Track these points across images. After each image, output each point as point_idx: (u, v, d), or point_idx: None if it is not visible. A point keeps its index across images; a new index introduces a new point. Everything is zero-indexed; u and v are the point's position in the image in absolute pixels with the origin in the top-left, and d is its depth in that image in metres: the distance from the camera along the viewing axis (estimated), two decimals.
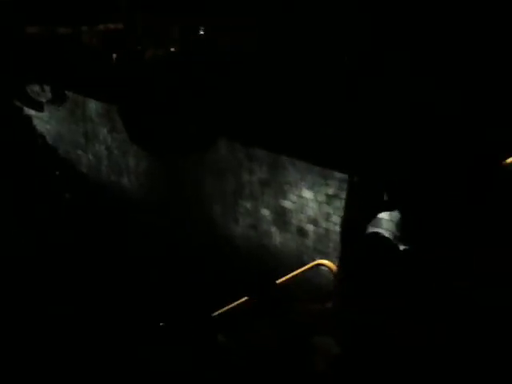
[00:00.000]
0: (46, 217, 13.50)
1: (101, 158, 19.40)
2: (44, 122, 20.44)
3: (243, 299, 6.72)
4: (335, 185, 10.55)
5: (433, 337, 4.66)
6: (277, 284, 5.40)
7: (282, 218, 12.03)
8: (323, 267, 7.55)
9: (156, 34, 14.68)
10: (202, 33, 14.04)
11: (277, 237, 12.25)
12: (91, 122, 19.25)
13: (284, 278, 6.73)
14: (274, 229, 12.35)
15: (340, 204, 10.53)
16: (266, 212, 12.50)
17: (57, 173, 15.11)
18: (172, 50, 14.35)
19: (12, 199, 13.24)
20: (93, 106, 18.94)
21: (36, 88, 17.11)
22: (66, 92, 18.24)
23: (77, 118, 19.90)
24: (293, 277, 7.02)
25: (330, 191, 10.68)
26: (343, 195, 10.40)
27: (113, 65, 15.70)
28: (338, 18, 10.46)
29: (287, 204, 11.83)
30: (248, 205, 13.02)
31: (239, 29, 12.91)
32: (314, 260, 11.11)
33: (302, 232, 11.54)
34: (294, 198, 11.61)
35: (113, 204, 16.93)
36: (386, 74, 9.09)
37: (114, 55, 15.71)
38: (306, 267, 7.32)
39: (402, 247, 5.98)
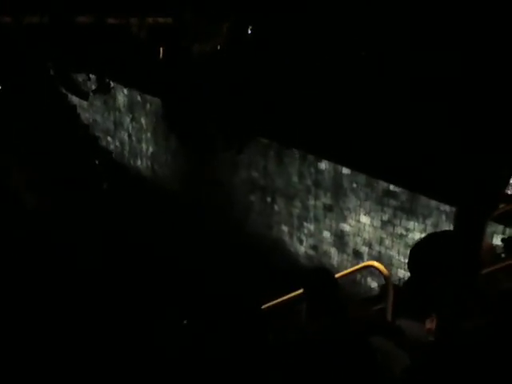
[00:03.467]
0: (87, 208, 12.97)
1: (124, 144, 20.36)
2: (84, 110, 21.14)
3: (296, 293, 6.57)
4: (390, 212, 10.63)
5: None
6: (335, 279, 5.18)
7: (340, 240, 12.14)
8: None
9: (204, 29, 13.70)
10: (250, 31, 13.12)
11: (335, 257, 12.37)
12: (119, 112, 19.96)
13: (336, 276, 6.45)
14: (333, 250, 12.44)
15: (392, 229, 10.57)
16: (327, 234, 12.61)
17: (96, 162, 14.50)
18: (219, 47, 13.57)
19: (54, 189, 12.57)
20: (121, 97, 19.63)
21: (82, 77, 16.67)
22: (111, 82, 17.95)
23: (109, 108, 20.61)
24: (344, 276, 6.86)
25: (385, 217, 10.77)
26: (396, 222, 10.45)
27: (160, 58, 15.01)
28: None
29: (346, 228, 11.97)
30: (312, 227, 13.12)
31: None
32: (365, 280, 11.21)
33: (357, 253, 11.64)
34: (352, 222, 11.75)
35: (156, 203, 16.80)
36: None
37: (162, 49, 15.05)
38: (357, 267, 7.12)
39: None
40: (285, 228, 14.39)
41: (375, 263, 6.45)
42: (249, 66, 12.92)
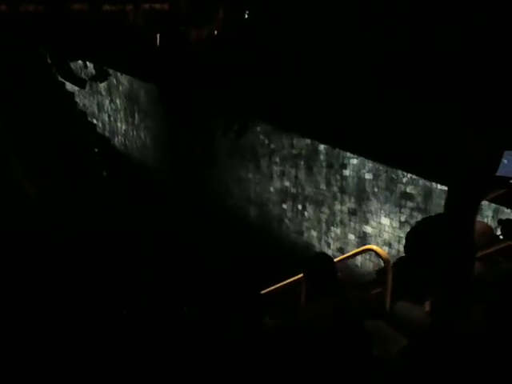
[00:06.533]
0: (87, 196, 12.10)
1: (104, 124, 20.67)
2: (75, 95, 21.32)
3: (294, 278, 6.32)
4: (407, 213, 10.47)
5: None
6: (334, 262, 4.96)
7: (363, 241, 11.94)
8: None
9: (201, 15, 12.86)
10: (246, 16, 12.20)
11: (359, 257, 12.12)
12: (101, 95, 20.21)
13: (336, 260, 6.11)
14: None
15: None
16: (351, 237, 12.42)
17: (96, 150, 13.87)
18: (216, 32, 12.75)
19: (55, 180, 11.87)
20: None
21: (79, 64, 16.15)
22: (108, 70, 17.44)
23: (93, 92, 20.88)
24: (344, 259, 6.58)
25: (403, 218, 10.62)
26: (412, 221, 10.20)
27: (156, 45, 14.24)
28: None
29: (368, 230, 11.82)
30: (338, 231, 12.88)
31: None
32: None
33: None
34: (374, 224, 11.59)
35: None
36: None
37: (158, 35, 14.21)
38: (357, 251, 6.78)
39: None
40: (314, 233, 14.18)
41: (374, 247, 6.21)
42: (247, 50, 12.35)
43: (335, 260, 5.83)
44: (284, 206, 15.44)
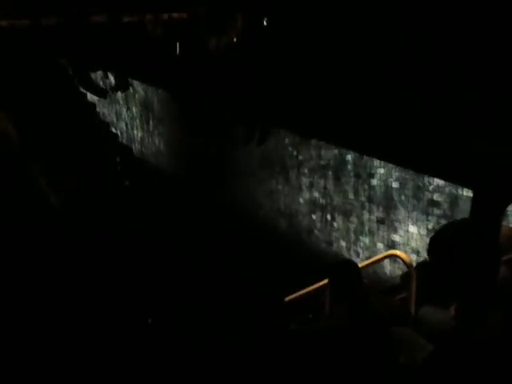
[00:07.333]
0: (110, 206, 11.84)
1: (122, 132, 20.79)
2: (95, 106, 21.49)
3: (318, 284, 6.17)
4: (434, 220, 10.33)
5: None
6: (359, 268, 4.90)
7: (392, 249, 11.62)
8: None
9: (219, 23, 12.67)
10: (265, 23, 11.85)
11: (388, 266, 11.99)
12: (118, 104, 20.28)
13: (360, 265, 5.94)
14: (386, 260, 11.94)
15: None
16: (380, 245, 12.31)
17: (118, 159, 13.60)
18: (235, 40, 12.46)
19: (78, 188, 11.59)
20: None
21: (99, 75, 16.11)
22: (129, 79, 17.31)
23: (112, 101, 20.99)
24: (369, 265, 6.44)
25: (430, 226, 10.46)
26: None
27: (176, 54, 13.86)
28: None
29: (397, 238, 11.71)
30: (366, 240, 12.72)
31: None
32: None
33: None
34: (402, 232, 11.49)
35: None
36: None
37: (178, 44, 13.82)
38: (381, 256, 6.66)
39: None
40: (343, 243, 14.03)
41: (397, 252, 6.12)
42: (266, 58, 12.17)
43: (360, 266, 5.74)
44: (313, 216, 15.35)
